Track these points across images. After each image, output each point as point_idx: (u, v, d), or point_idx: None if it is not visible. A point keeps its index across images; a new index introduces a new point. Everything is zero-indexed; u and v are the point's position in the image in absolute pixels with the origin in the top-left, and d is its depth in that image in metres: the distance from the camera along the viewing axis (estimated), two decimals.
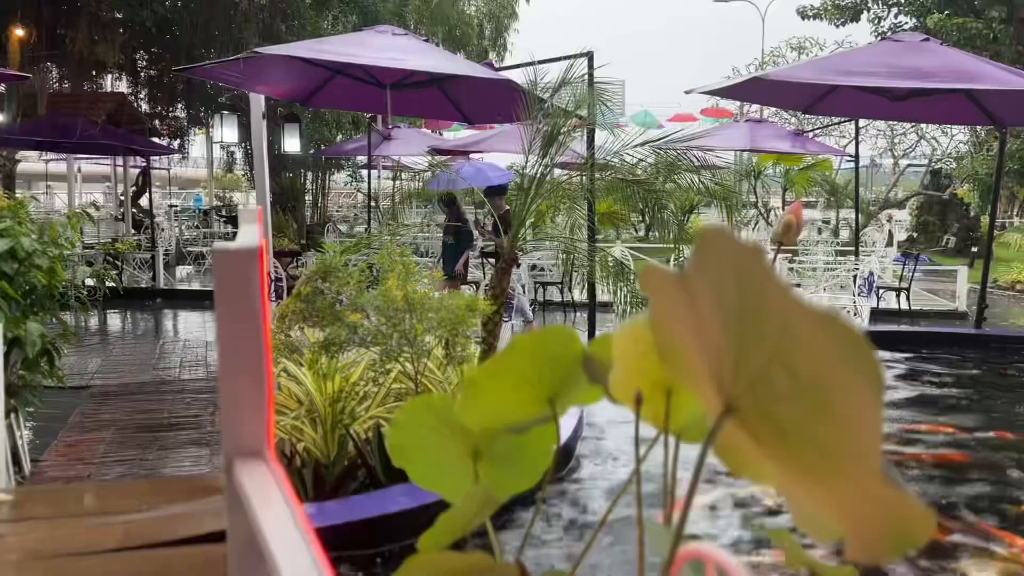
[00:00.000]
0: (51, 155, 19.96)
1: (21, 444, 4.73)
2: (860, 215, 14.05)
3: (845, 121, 19.29)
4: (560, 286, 11.31)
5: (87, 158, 20.28)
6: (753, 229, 18.75)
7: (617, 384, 1.30)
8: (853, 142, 14.85)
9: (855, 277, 11.24)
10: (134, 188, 17.28)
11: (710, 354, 0.78)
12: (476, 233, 10.62)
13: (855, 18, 20.78)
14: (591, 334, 6.90)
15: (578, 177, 5.72)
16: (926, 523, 0.66)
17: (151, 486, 3.64)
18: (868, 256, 12.41)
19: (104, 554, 2.42)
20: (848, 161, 19.24)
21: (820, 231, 19.83)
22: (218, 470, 4.87)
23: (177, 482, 3.63)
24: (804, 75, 6.97)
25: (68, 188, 16.96)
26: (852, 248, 13.33)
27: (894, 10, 20.34)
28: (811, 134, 17.17)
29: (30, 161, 23.01)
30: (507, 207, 10.25)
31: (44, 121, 12.83)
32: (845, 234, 19.91)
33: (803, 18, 21.51)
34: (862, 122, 17.32)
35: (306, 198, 19.14)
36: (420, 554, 1.34)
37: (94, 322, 10.20)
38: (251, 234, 2.44)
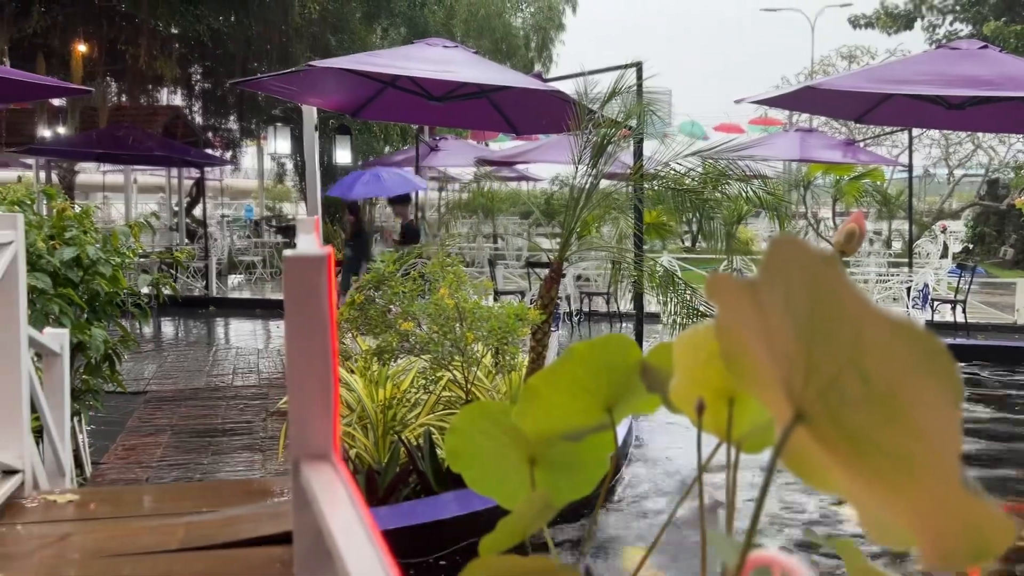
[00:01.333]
0: (108, 166, 20.53)
1: (83, 446, 4.87)
2: (913, 226, 13.76)
3: (898, 130, 18.94)
4: (606, 297, 11.27)
5: (143, 169, 20.81)
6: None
7: (678, 392, 1.31)
8: (906, 151, 14.56)
9: (908, 289, 11.00)
10: (188, 198, 17.70)
11: (779, 361, 0.79)
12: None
13: (908, 26, 20.41)
14: (638, 345, 6.85)
15: (627, 187, 5.72)
16: (1006, 531, 0.65)
17: (209, 489, 3.73)
18: (922, 268, 12.14)
19: (166, 554, 2.49)
20: (901, 171, 18.87)
21: (872, 242, 19.46)
22: (271, 475, 4.97)
23: (234, 485, 3.71)
24: (857, 84, 6.87)
25: (125, 198, 17.43)
26: (905, 260, 13.06)
27: (949, 17, 19.92)
28: (862, 143, 16.87)
29: (88, 172, 23.68)
30: (411, 216, 10.07)
31: (103, 133, 13.23)
32: (898, 245, 19.52)
33: (855, 27, 21.19)
34: (916, 131, 16.96)
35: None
36: (481, 558, 1.36)
37: (149, 329, 10.45)
38: (310, 242, 2.50)
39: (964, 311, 10.92)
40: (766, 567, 1.03)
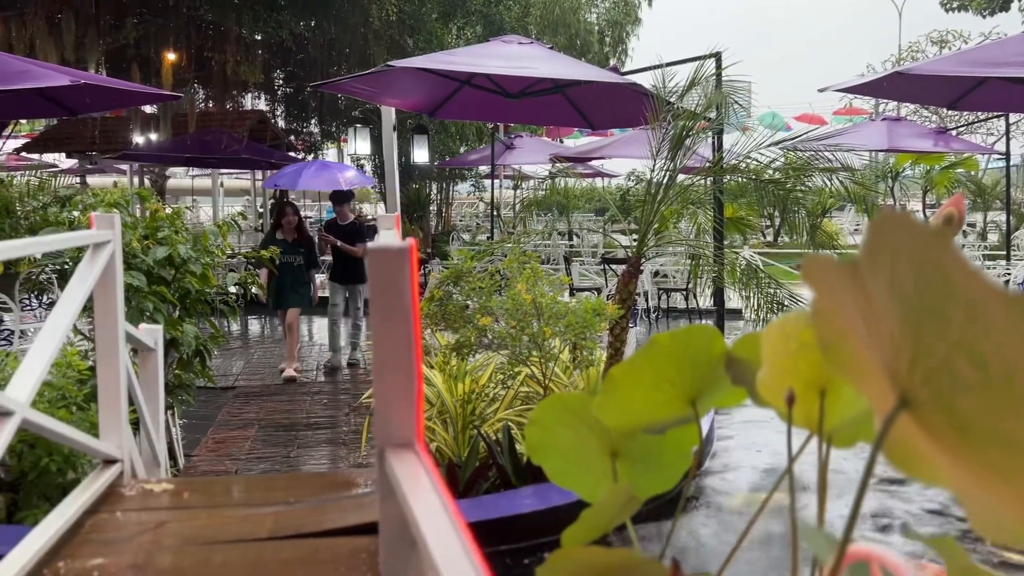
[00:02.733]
0: (196, 170, 21.31)
1: (176, 439, 5.07)
2: (1011, 217, 13.11)
3: (994, 117, 18.08)
4: (685, 292, 11.10)
5: (229, 173, 21.53)
6: None
7: (766, 383, 1.27)
8: (1003, 139, 13.89)
9: (1007, 283, 10.50)
10: (272, 200, 18.21)
11: (882, 345, 0.75)
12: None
13: (1004, 7, 19.43)
14: None
15: (706, 180, 5.61)
16: None
17: (296, 480, 3.82)
18: (1021, 260, 11.56)
19: (256, 542, 2.56)
20: (997, 159, 18.01)
21: (965, 234, 18.64)
22: (354, 468, 5.06)
23: (320, 477, 3.79)
24: (949, 68, 6.58)
25: (212, 201, 18.07)
26: (1002, 252, 12.46)
27: None
28: (955, 131, 16.14)
29: (177, 177, 24.64)
30: (352, 216, 8.32)
31: (192, 138, 13.75)
32: (994, 237, 18.65)
33: (946, 10, 20.29)
34: (1013, 117, 16.15)
35: (431, 208, 19.63)
36: (563, 549, 1.34)
37: (236, 326, 10.80)
38: (391, 237, 2.52)
39: None
40: (863, 562, 0.99)
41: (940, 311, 0.66)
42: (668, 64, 5.68)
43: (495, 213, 14.96)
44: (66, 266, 4.77)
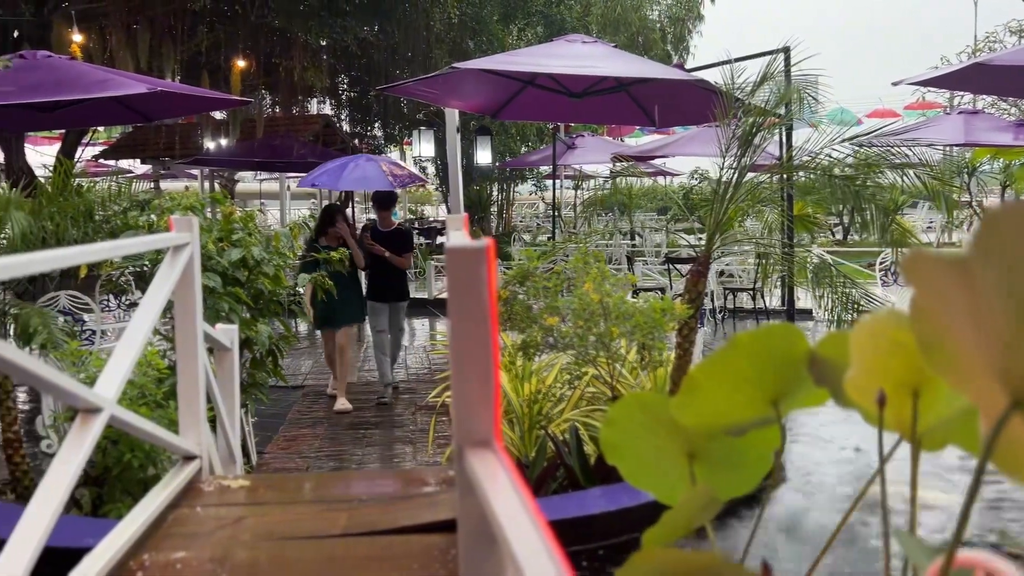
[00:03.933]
0: (264, 174, 21.82)
1: (249, 436, 5.19)
2: None
3: None
4: (752, 292, 10.90)
5: (296, 176, 22.00)
6: (968, 231, 17.18)
7: (854, 384, 1.24)
8: None
9: None
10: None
11: (992, 344, 0.72)
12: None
13: None
14: None
15: (775, 177, 5.50)
16: None
17: (367, 478, 3.87)
18: None
19: (330, 539, 2.60)
20: None
21: None
22: (423, 466, 5.10)
23: (390, 475, 3.84)
24: None
25: (280, 205, 18.46)
26: None
27: None
28: None
29: (245, 181, 25.27)
30: (396, 223, 7.34)
31: (260, 143, 14.09)
32: None
33: None
34: None
35: (491, 209, 19.72)
36: (644, 550, 1.33)
37: (305, 327, 11.01)
38: (463, 237, 2.53)
39: None
40: (967, 568, 0.95)
41: None
42: (736, 60, 5.58)
43: (556, 213, 14.93)
44: (144, 268, 4.93)
